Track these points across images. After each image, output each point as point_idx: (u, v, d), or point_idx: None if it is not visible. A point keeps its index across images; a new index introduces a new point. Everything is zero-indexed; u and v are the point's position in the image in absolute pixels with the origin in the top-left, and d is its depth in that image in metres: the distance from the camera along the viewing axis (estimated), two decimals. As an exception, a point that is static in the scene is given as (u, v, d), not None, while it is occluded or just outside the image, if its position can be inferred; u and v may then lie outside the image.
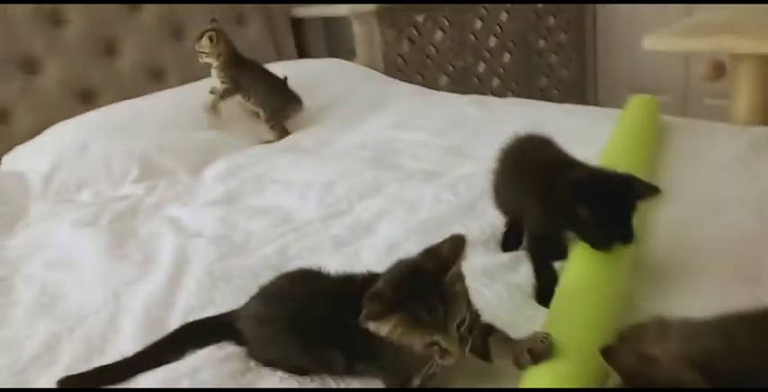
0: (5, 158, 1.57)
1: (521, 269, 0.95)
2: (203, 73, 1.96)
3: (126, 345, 0.87)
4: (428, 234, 1.08)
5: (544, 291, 0.86)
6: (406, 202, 1.22)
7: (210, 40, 1.61)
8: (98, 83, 1.85)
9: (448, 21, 2.36)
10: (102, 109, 1.66)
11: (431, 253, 0.69)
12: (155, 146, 1.53)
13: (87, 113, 1.65)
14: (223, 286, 0.99)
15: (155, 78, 1.97)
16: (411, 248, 1.04)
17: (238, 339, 0.83)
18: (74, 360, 0.85)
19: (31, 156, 1.51)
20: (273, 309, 0.79)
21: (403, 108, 1.77)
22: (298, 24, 2.31)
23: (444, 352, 0.65)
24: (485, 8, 2.48)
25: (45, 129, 1.68)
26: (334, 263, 1.03)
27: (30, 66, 1.74)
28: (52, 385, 0.79)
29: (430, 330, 0.64)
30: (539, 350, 0.67)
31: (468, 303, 0.69)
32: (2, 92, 1.69)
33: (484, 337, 0.71)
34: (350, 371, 0.76)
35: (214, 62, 1.64)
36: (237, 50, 1.71)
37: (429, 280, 0.66)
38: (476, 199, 1.19)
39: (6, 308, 1.00)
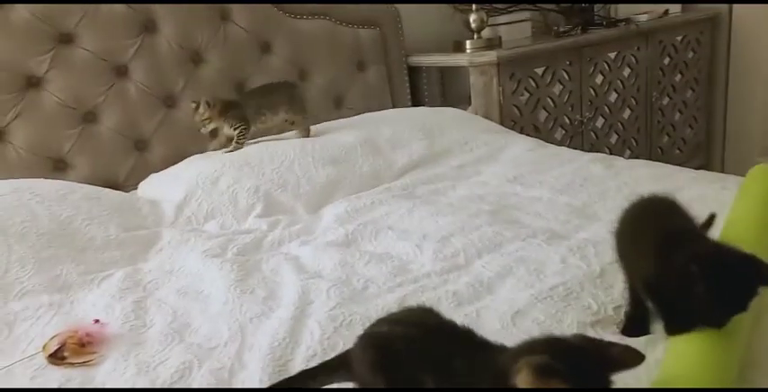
0: (142, 185, 1.68)
1: (658, 347, 0.87)
2: (323, 115, 2.04)
3: (251, 382, 0.89)
4: (556, 302, 1.04)
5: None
6: (529, 263, 1.18)
7: (208, 104, 1.68)
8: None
9: (568, 74, 2.33)
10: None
11: (592, 343, 0.66)
12: (278, 183, 1.59)
13: (223, 150, 1.75)
14: (345, 333, 0.99)
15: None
16: (537, 316, 1.01)
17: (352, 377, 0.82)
18: (204, 392, 0.87)
19: (166, 185, 1.61)
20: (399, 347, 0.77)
21: (521, 161, 1.74)
22: (414, 72, 2.36)
23: None
24: (607, 63, 2.43)
25: (176, 158, 1.80)
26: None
27: (170, 101, 1.88)
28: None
29: None
30: None
31: None
32: (145, 123, 1.83)
33: None
34: None
35: (218, 123, 1.72)
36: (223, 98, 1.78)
37: (592, 366, 0.63)
38: (606, 267, 1.13)
39: (141, 331, 1.06)
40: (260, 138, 1.84)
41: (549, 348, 0.66)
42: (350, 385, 0.83)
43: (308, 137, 1.80)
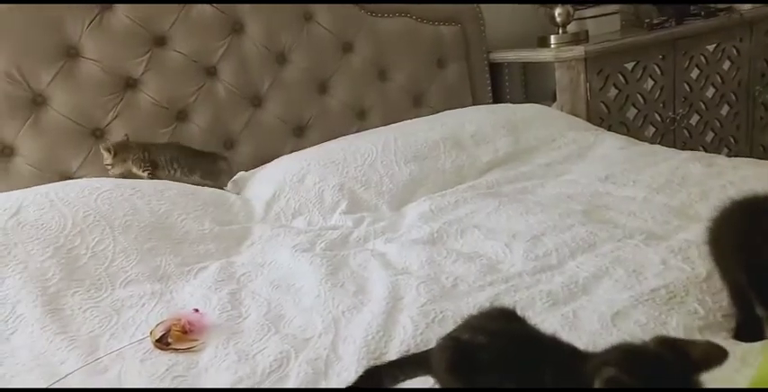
0: (231, 182, 1.74)
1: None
2: (402, 113, 2.04)
3: (347, 373, 0.90)
4: (659, 305, 1.00)
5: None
6: (627, 264, 1.13)
7: (108, 151, 1.59)
8: (310, 118, 2.00)
9: (660, 68, 2.22)
10: (321, 145, 1.80)
11: (672, 345, 0.63)
12: (361, 181, 1.60)
13: (309, 149, 1.80)
14: (437, 329, 0.98)
15: (359, 117, 2.08)
16: (639, 318, 0.96)
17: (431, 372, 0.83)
18: (302, 381, 0.90)
19: (255, 183, 1.66)
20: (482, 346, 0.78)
21: (612, 159, 1.67)
22: (495, 68, 2.32)
23: None
24: (704, 56, 2.30)
25: (262, 157, 1.85)
26: (551, 323, 0.98)
27: (257, 101, 1.93)
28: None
29: None
30: None
31: None
32: (233, 122, 1.89)
33: None
34: None
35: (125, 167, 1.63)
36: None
37: (672, 374, 0.60)
38: (712, 270, 1.07)
39: (238, 321, 1.10)
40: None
41: (623, 359, 0.63)
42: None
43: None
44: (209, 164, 1.67)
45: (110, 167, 1.60)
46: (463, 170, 1.69)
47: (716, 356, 0.61)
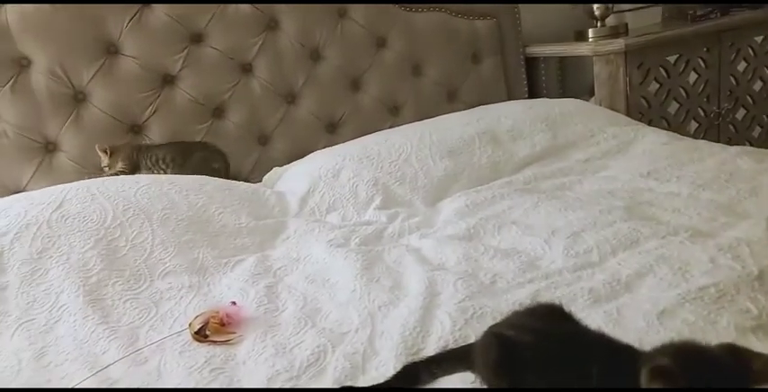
0: (265, 177, 1.75)
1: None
2: (436, 109, 2.03)
3: (384, 368, 0.89)
4: (707, 304, 0.97)
5: None
6: (672, 262, 1.10)
7: (105, 152, 1.60)
8: (344, 114, 2.00)
9: (704, 62, 2.15)
10: (355, 140, 1.79)
11: (735, 353, 0.62)
12: (396, 176, 1.59)
13: (343, 144, 1.79)
14: (476, 325, 0.97)
15: (392, 112, 2.07)
16: (687, 317, 0.93)
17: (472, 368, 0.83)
18: (339, 375, 0.89)
19: (290, 178, 1.66)
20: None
21: (655, 155, 1.62)
22: (531, 63, 2.28)
23: None
24: (752, 48, 2.21)
25: (296, 153, 1.85)
26: (593, 319, 0.96)
27: (291, 97, 1.94)
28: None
29: None
30: None
31: None
32: (267, 119, 1.90)
33: None
34: None
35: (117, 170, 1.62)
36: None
37: (729, 379, 0.59)
38: (765, 268, 1.03)
39: (275, 314, 1.10)
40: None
41: (679, 353, 0.62)
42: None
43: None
44: (200, 157, 1.66)
45: (106, 169, 1.61)
46: (499, 165, 1.66)
47: None
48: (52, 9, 1.59)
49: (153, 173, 1.60)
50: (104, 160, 1.61)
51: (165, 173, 1.60)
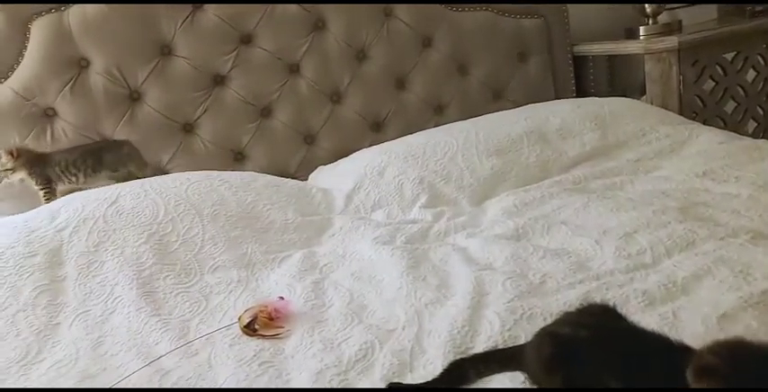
0: (312, 175, 1.76)
1: None
2: (482, 108, 2.00)
3: (432, 367, 0.89)
4: None
5: None
6: (732, 265, 1.06)
7: (11, 155, 1.50)
8: (388, 113, 2.00)
9: (764, 59, 2.06)
10: (401, 138, 1.79)
11: None
12: (441, 175, 1.58)
13: (389, 142, 1.79)
14: (525, 325, 0.95)
15: (436, 111, 2.07)
16: (749, 323, 0.90)
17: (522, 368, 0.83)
18: (387, 371, 0.90)
19: (336, 176, 1.67)
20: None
21: (711, 154, 1.57)
22: (579, 61, 2.24)
23: None
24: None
25: (342, 152, 1.86)
26: (648, 323, 0.94)
27: (336, 97, 1.95)
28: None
29: None
30: None
31: None
32: (313, 118, 1.92)
33: None
34: None
35: (24, 176, 1.54)
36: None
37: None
38: None
39: (322, 310, 1.11)
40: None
41: (729, 350, 0.62)
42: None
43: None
44: (113, 155, 1.60)
45: (10, 173, 1.51)
46: (548, 165, 1.63)
47: None
48: (109, 10, 1.65)
49: (65, 180, 1.56)
50: (7, 163, 1.51)
51: (78, 178, 1.56)
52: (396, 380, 0.87)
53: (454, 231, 1.39)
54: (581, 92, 2.24)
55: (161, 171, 1.73)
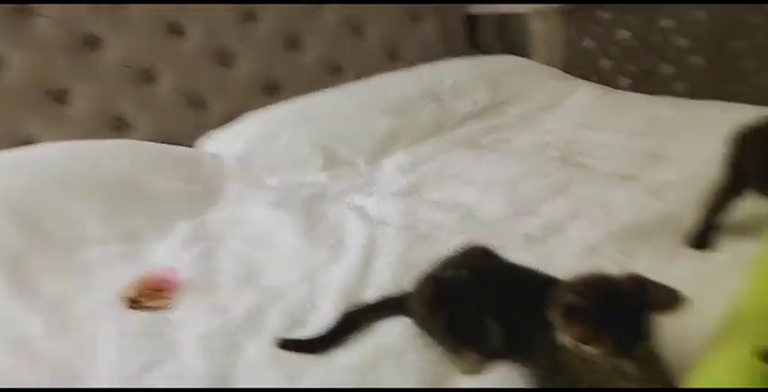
0: (202, 141, 1.68)
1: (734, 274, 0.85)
2: (378, 69, 1.99)
3: (325, 321, 0.89)
4: (631, 240, 1.02)
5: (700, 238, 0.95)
6: (600, 204, 1.15)
7: None
8: (283, 76, 1.93)
9: (636, 19, 2.17)
10: (291, 101, 1.74)
11: (639, 284, 0.66)
12: (337, 137, 1.56)
13: (277, 104, 1.73)
14: (414, 274, 0.96)
15: (333, 73, 2.03)
16: (611, 254, 0.98)
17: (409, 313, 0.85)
18: (277, 330, 0.89)
19: (226, 141, 1.61)
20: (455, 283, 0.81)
21: (589, 108, 1.66)
22: (471, 21, 2.26)
23: (623, 376, 0.65)
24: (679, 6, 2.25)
25: (234, 116, 1.79)
26: (527, 261, 0.98)
27: (225, 59, 1.86)
28: (259, 349, 0.85)
29: (627, 360, 0.64)
30: None
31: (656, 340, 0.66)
32: (200, 82, 1.82)
33: None
34: (502, 355, 0.77)
35: None
36: None
37: (633, 309, 0.64)
38: (683, 207, 1.08)
39: (212, 275, 1.07)
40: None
41: (587, 287, 0.65)
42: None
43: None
44: None
45: None
46: (441, 122, 1.66)
47: (672, 303, 0.63)
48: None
49: None
50: None
51: None
52: (285, 335, 0.87)
53: (351, 191, 1.39)
54: (474, 51, 2.27)
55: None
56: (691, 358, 0.69)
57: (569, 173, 1.27)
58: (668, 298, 0.64)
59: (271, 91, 1.93)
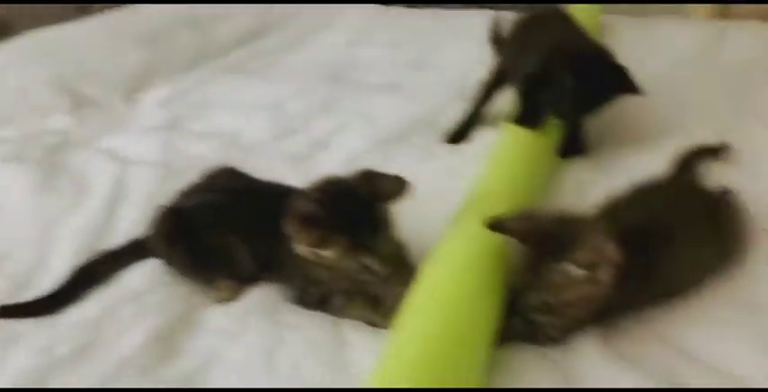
0: None
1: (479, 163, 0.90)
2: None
3: (54, 279, 0.78)
4: (390, 145, 1.04)
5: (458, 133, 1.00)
6: (365, 116, 1.15)
7: None
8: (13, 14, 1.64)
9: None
10: (18, 38, 1.47)
11: (367, 179, 0.66)
12: (82, 74, 1.37)
13: (10, 42, 1.46)
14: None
15: (79, 8, 1.77)
16: (372, 160, 0.99)
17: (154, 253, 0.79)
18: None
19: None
20: (192, 207, 0.76)
21: (356, 24, 1.63)
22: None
23: (371, 272, 0.66)
24: None
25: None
26: (291, 180, 0.95)
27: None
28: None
29: (363, 252, 0.63)
30: None
31: (394, 230, 0.68)
32: None
33: None
34: (256, 278, 0.75)
35: None
36: None
37: (363, 204, 0.64)
38: (439, 108, 1.13)
39: None
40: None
41: (319, 192, 0.65)
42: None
43: None
44: None
45: None
46: (204, 49, 1.51)
47: (398, 189, 0.65)
48: None
49: None
50: None
51: None
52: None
53: (102, 133, 1.22)
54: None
55: None
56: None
57: (335, 89, 1.25)
58: (394, 186, 0.65)
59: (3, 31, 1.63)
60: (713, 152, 0.90)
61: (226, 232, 0.73)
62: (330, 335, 0.68)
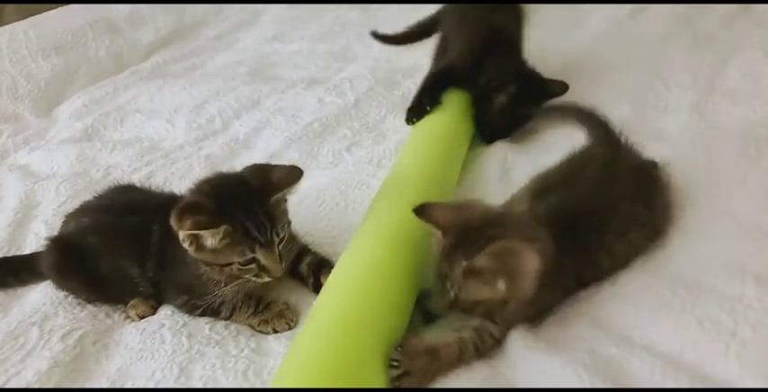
0: None
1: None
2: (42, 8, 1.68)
3: None
4: (311, 139, 1.01)
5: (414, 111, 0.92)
6: (287, 112, 1.12)
7: None
8: None
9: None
10: None
11: (260, 171, 0.65)
12: (-8, 89, 1.29)
13: None
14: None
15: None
16: (292, 155, 0.97)
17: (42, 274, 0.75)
18: None
19: None
20: (80, 225, 0.73)
21: (281, 20, 1.60)
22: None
23: (262, 269, 0.64)
24: None
25: None
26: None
27: None
28: None
29: (253, 245, 0.62)
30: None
31: (289, 224, 0.67)
32: None
33: (315, 270, 0.71)
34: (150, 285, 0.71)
35: None
36: None
37: (253, 195, 0.62)
38: (360, 97, 1.11)
39: None
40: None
41: (210, 188, 0.64)
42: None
43: None
44: None
45: None
46: (122, 56, 1.46)
47: (292, 178, 0.64)
48: None
49: None
50: None
51: None
52: None
53: (15, 149, 1.17)
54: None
55: None
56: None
57: (257, 87, 1.21)
58: (287, 176, 0.64)
59: None
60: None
61: (115, 253, 0.69)
62: (246, 346, 0.65)
